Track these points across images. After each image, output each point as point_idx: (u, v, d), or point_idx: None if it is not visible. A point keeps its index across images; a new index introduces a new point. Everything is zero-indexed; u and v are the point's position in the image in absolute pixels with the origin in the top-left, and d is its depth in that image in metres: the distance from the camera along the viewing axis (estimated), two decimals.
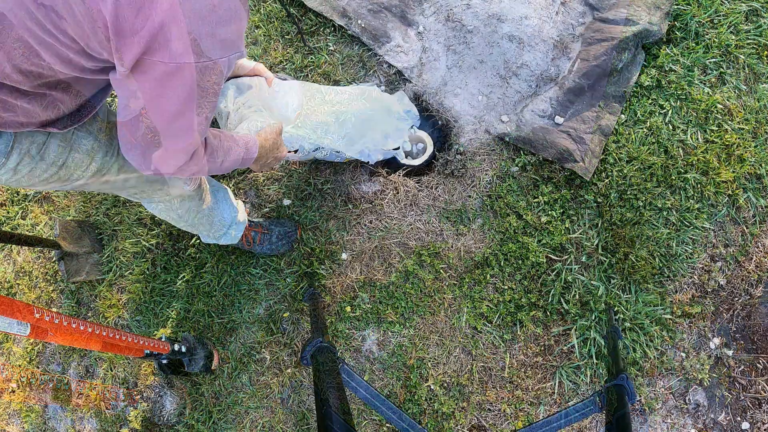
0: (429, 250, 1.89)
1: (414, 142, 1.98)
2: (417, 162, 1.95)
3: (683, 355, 1.81)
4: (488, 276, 1.85)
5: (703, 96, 1.91)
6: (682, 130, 1.91)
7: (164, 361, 1.88)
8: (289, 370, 1.90)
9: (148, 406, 2.04)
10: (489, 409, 1.81)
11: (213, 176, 1.86)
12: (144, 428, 2.03)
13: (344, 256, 1.93)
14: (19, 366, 2.23)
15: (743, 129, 1.91)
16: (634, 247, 1.82)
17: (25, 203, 2.30)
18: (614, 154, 1.88)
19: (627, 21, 1.91)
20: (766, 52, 1.97)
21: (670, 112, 1.92)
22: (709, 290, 1.85)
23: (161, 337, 1.76)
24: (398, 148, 1.91)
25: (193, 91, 0.94)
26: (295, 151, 1.76)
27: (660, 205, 1.84)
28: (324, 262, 1.93)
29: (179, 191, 1.46)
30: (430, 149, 1.96)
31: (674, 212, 1.85)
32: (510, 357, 1.82)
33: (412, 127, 1.95)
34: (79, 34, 0.87)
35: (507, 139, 1.90)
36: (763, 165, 1.89)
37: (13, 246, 2.31)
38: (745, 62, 1.96)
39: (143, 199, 1.50)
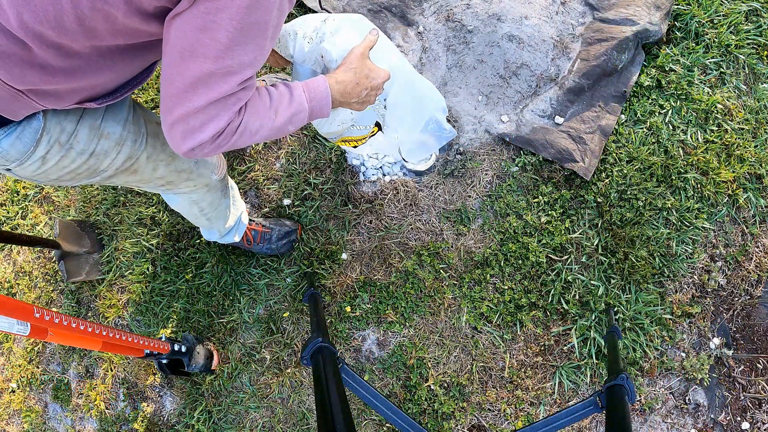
0: (429, 250, 1.89)
1: None
2: (423, 168, 1.95)
3: (683, 355, 1.81)
4: (488, 276, 1.85)
5: (703, 96, 1.91)
6: (682, 130, 1.91)
7: (164, 361, 1.88)
8: (289, 370, 1.90)
9: (148, 406, 2.04)
10: (489, 409, 1.81)
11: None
12: (144, 428, 2.03)
13: (344, 256, 1.93)
14: (19, 366, 2.23)
15: (743, 129, 1.91)
16: (634, 247, 1.82)
17: (25, 203, 2.30)
18: (614, 154, 1.88)
19: (627, 21, 1.91)
20: (766, 52, 1.97)
21: (670, 112, 1.92)
22: (709, 290, 1.85)
23: (161, 337, 1.76)
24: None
25: (250, 12, 0.85)
26: None
27: (660, 205, 1.84)
28: (324, 262, 1.93)
29: (206, 180, 1.44)
30: (436, 153, 1.95)
31: (674, 212, 1.85)
32: (510, 357, 1.82)
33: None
34: None
35: (507, 139, 1.90)
36: (763, 165, 1.89)
37: (13, 246, 2.31)
38: (745, 62, 1.96)
39: (168, 192, 1.46)
